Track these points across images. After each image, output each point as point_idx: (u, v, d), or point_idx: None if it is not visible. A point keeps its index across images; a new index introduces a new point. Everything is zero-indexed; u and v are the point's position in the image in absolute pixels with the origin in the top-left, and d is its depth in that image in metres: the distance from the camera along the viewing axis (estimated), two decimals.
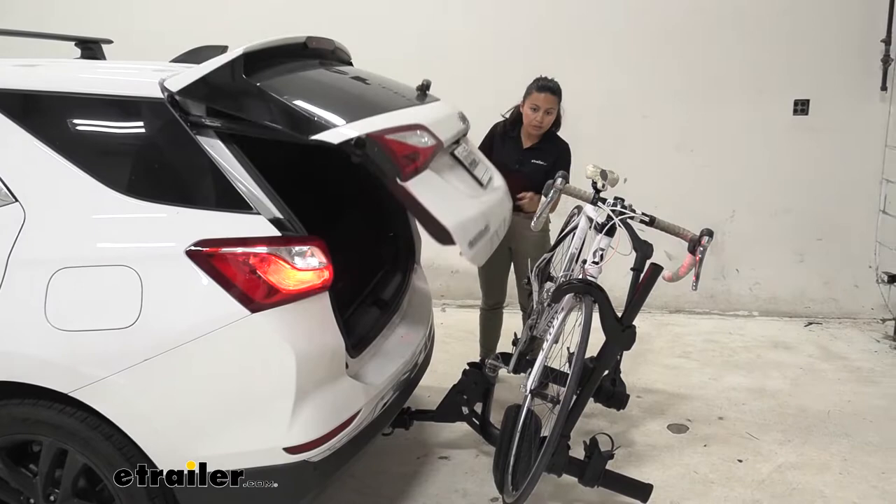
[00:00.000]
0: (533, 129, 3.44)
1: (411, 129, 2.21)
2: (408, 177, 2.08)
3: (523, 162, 3.48)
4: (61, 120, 2.14)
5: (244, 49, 2.06)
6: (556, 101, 3.42)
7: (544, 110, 3.38)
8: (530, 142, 3.51)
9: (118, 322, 1.96)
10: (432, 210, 2.09)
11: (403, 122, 2.22)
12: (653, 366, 4.16)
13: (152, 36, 4.69)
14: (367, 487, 2.96)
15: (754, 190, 4.97)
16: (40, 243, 2.02)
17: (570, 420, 2.64)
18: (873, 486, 2.94)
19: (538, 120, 3.40)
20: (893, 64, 4.68)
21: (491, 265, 3.63)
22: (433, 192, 2.15)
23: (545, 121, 3.42)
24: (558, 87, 3.43)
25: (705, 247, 2.71)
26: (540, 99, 3.38)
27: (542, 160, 3.46)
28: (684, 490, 2.92)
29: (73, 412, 2.03)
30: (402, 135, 2.15)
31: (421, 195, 2.08)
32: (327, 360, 2.16)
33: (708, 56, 4.85)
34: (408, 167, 2.09)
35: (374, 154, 2.03)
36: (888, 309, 4.85)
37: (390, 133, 2.10)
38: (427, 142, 2.23)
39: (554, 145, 3.53)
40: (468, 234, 2.22)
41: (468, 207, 2.37)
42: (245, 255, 1.98)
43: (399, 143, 2.11)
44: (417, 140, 2.21)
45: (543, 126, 3.44)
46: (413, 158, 2.13)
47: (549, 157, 3.46)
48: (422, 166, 2.16)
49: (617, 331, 2.65)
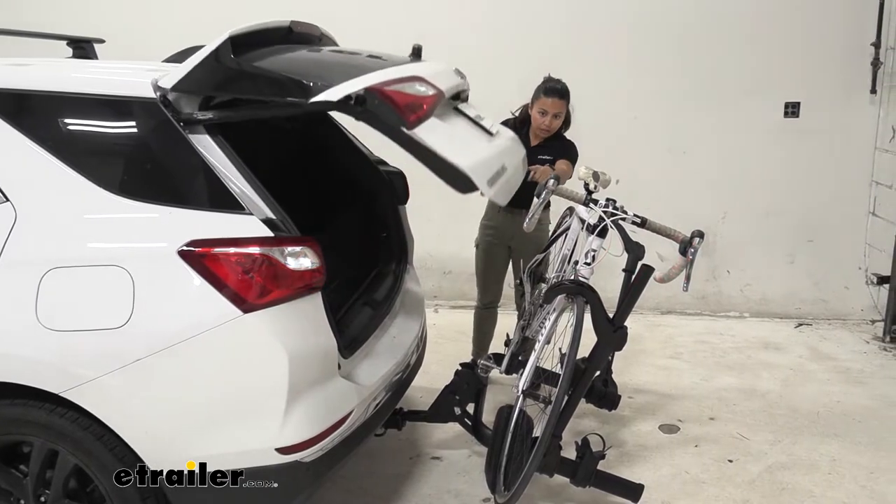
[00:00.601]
0: (542, 132, 3.47)
1: (410, 81, 2.15)
2: (413, 125, 2.01)
3: (530, 158, 3.45)
4: (53, 120, 2.13)
5: (229, 33, 2.05)
6: (565, 105, 3.44)
7: (552, 114, 3.41)
8: (538, 140, 3.53)
9: (110, 322, 1.95)
10: (444, 153, 2.00)
11: (401, 75, 2.16)
12: (644, 366, 4.18)
13: (145, 35, 4.68)
14: (359, 488, 2.96)
15: (745, 192, 4.99)
16: (31, 243, 2.01)
17: (562, 420, 2.64)
18: (862, 486, 2.96)
19: (546, 124, 3.42)
20: (883, 67, 4.71)
21: (490, 262, 3.68)
22: (442, 137, 2.09)
23: (553, 125, 3.44)
24: (566, 89, 3.45)
25: (696, 248, 2.72)
26: (548, 104, 3.40)
27: (549, 155, 3.47)
28: (675, 490, 2.94)
29: (64, 413, 2.02)
30: (402, 86, 2.09)
31: (430, 141, 2.00)
32: (320, 360, 2.15)
33: (700, 58, 4.88)
34: (412, 116, 2.02)
35: (375, 107, 1.97)
36: (877, 310, 4.88)
37: (389, 85, 2.04)
38: (428, 91, 2.17)
39: (561, 143, 3.55)
40: (486, 173, 2.12)
41: (481, 149, 2.30)
42: (237, 256, 1.98)
43: (399, 93, 2.05)
44: (417, 90, 2.15)
45: (552, 130, 3.46)
46: (416, 107, 2.07)
47: (556, 153, 3.48)
48: (426, 114, 2.09)
49: (608, 331, 2.66)
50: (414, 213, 3.37)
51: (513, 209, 3.50)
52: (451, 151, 2.03)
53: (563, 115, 3.46)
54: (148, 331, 1.96)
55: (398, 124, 1.99)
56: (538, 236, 3.54)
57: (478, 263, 3.74)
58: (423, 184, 3.44)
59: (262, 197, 2.08)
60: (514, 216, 3.49)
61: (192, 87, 2.07)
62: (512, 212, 3.52)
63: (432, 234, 3.60)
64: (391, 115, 1.99)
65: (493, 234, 3.65)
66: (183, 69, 2.06)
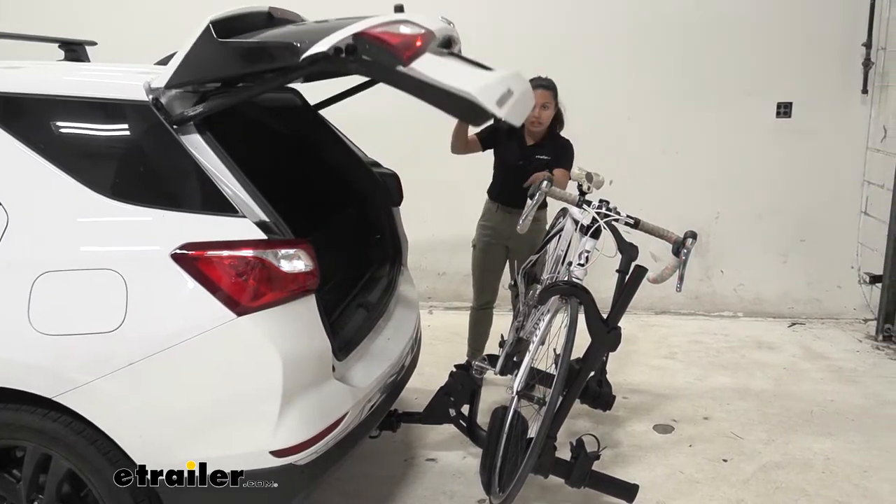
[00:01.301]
0: (532, 125, 3.47)
1: (396, 23, 2.09)
2: (409, 61, 1.95)
3: (526, 158, 3.51)
4: (45, 123, 2.12)
5: (209, 19, 2.04)
6: (551, 96, 3.46)
7: (540, 105, 3.42)
8: (533, 140, 3.55)
9: (103, 326, 1.95)
10: (446, 83, 1.93)
11: (386, 19, 2.10)
12: (638, 367, 4.19)
13: (137, 38, 4.67)
14: (354, 490, 2.96)
15: (738, 192, 5.01)
16: (23, 247, 2.01)
17: (557, 421, 2.65)
18: (855, 485, 2.97)
19: (535, 115, 3.43)
20: (874, 67, 4.73)
21: (487, 262, 3.70)
22: (441, 69, 2.02)
23: (542, 115, 3.45)
24: (552, 83, 3.49)
25: (689, 249, 2.73)
26: (535, 95, 3.39)
27: (546, 155, 3.50)
28: (670, 490, 2.94)
29: (57, 417, 2.01)
30: (389, 27, 2.03)
31: (430, 74, 1.94)
32: (314, 362, 2.15)
33: (692, 59, 4.89)
34: (406, 52, 1.96)
35: (367, 51, 1.92)
36: (870, 309, 4.90)
37: (377, 28, 1.98)
38: (417, 30, 2.11)
39: (556, 143, 3.57)
40: (493, 95, 2.02)
41: (483, 76, 2.19)
42: (231, 259, 1.97)
43: (389, 33, 1.99)
44: (406, 29, 2.09)
45: (542, 121, 3.47)
46: (408, 45, 2.00)
47: (552, 153, 3.50)
48: (420, 50, 2.02)
49: (602, 332, 2.67)
50: (408, 214, 3.37)
51: (510, 209, 3.53)
52: (454, 81, 1.94)
53: (551, 107, 3.47)
54: (141, 334, 1.95)
55: (393, 63, 1.92)
56: (535, 236, 3.54)
57: (475, 263, 3.74)
58: (416, 186, 3.46)
59: (255, 199, 2.08)
60: (512, 216, 3.50)
61: (185, 78, 2.06)
62: (510, 211, 3.54)
63: (426, 235, 3.60)
64: (385, 56, 1.92)
65: (492, 234, 3.65)
66: (172, 65, 2.06)
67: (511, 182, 3.45)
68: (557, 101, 3.52)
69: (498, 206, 3.63)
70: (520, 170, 3.45)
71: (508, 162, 3.57)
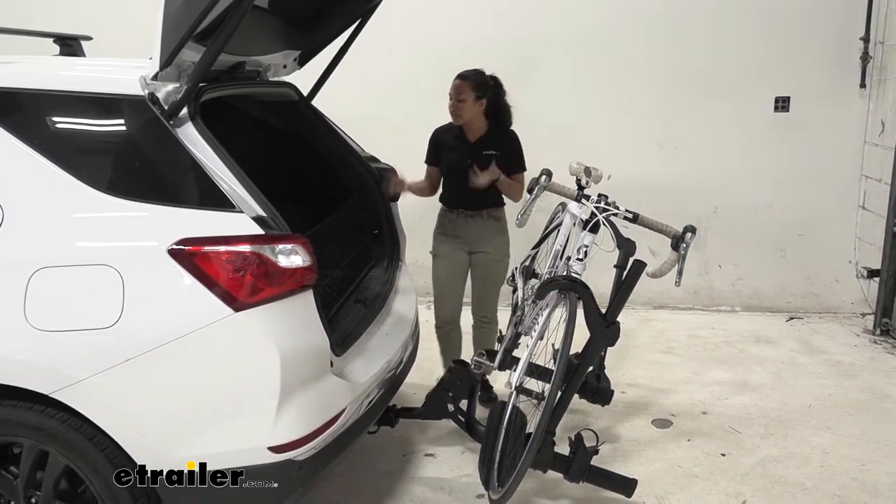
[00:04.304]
0: (452, 117, 3.35)
1: None
2: None
3: (475, 155, 3.34)
4: (40, 118, 2.11)
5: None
6: (468, 87, 3.29)
7: (456, 98, 3.30)
8: (476, 135, 3.40)
9: (100, 322, 1.94)
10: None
11: None
12: (637, 361, 4.19)
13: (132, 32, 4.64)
14: (352, 486, 2.96)
15: (736, 186, 5.01)
16: (19, 243, 2.00)
17: (555, 416, 2.65)
18: (853, 479, 2.97)
19: (451, 107, 3.33)
20: (872, 61, 4.73)
21: (451, 270, 3.46)
22: None
23: (457, 108, 3.31)
24: (472, 74, 3.33)
25: (688, 243, 2.73)
26: (452, 87, 3.32)
27: (494, 149, 3.34)
28: (669, 484, 2.94)
29: (54, 413, 2.01)
30: None
31: None
32: (312, 358, 2.15)
33: (690, 53, 4.88)
34: None
35: None
36: (868, 303, 4.91)
37: None
38: None
39: (502, 134, 3.42)
40: None
41: None
42: (228, 254, 1.97)
43: None
44: None
45: (459, 115, 3.32)
46: None
47: (500, 147, 3.35)
48: None
49: (601, 327, 2.67)
50: (405, 209, 3.37)
51: (471, 212, 3.41)
52: None
53: (467, 100, 3.28)
54: (138, 330, 1.95)
55: None
56: (500, 239, 3.45)
57: (437, 273, 3.50)
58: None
59: (252, 195, 2.07)
60: (474, 219, 3.41)
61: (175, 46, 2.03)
62: (471, 215, 3.41)
63: (425, 230, 3.59)
64: None
65: (454, 241, 3.46)
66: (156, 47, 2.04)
67: (465, 184, 3.29)
68: (485, 94, 3.32)
69: (458, 211, 3.43)
70: (469, 169, 3.28)
71: (455, 164, 3.38)
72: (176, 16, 2.00)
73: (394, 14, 3.55)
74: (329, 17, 3.12)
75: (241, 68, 2.72)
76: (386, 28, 3.70)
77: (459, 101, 3.30)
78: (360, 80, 3.02)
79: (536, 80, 4.88)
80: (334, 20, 3.14)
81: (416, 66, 3.10)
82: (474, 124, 3.38)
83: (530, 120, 4.97)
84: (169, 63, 2.08)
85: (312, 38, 3.16)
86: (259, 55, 2.85)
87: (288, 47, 3.05)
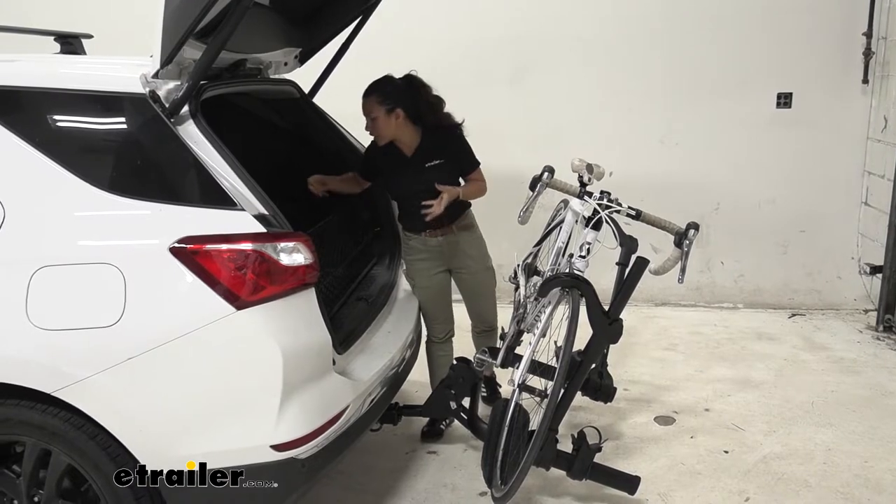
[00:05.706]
0: (374, 138, 3.06)
1: None
2: None
3: (417, 169, 3.04)
4: (41, 116, 2.11)
5: None
6: (374, 104, 2.94)
7: (370, 119, 2.99)
8: (411, 148, 3.06)
9: (101, 321, 1.94)
10: None
11: None
12: (639, 358, 4.19)
13: (133, 30, 4.63)
14: (355, 483, 2.96)
15: (738, 182, 5.00)
16: (21, 241, 1.99)
17: (558, 414, 2.64)
18: (856, 475, 2.97)
19: (369, 131, 3.03)
20: (874, 57, 4.71)
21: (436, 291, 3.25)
22: None
23: (373, 129, 3.01)
24: (375, 87, 2.98)
25: (691, 240, 2.72)
26: (362, 108, 3.00)
27: (437, 157, 3.04)
28: (671, 482, 2.94)
29: (56, 412, 2.01)
30: None
31: None
32: (314, 356, 2.15)
33: (692, 50, 4.87)
34: None
35: None
36: (870, 300, 4.90)
37: None
38: None
39: (440, 136, 3.06)
40: None
41: None
42: (230, 252, 1.96)
43: None
44: None
45: (378, 135, 3.01)
46: None
47: (443, 152, 3.05)
48: None
49: (604, 324, 2.66)
50: None
51: (436, 231, 3.13)
52: None
53: (378, 117, 2.95)
54: (140, 329, 1.94)
55: None
56: (477, 246, 3.27)
57: (425, 298, 3.24)
58: None
59: (253, 192, 2.06)
60: (442, 238, 3.15)
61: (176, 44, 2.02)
62: (439, 234, 3.14)
63: None
64: None
65: (429, 264, 3.19)
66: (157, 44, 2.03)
67: (413, 203, 3.03)
68: (397, 103, 2.95)
69: (425, 234, 3.13)
70: (420, 185, 3.02)
71: (402, 192, 3.13)
72: (176, 13, 2.00)
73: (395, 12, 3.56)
74: (330, 15, 3.12)
75: (242, 66, 2.72)
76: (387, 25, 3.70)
77: (372, 121, 2.99)
78: (361, 77, 3.00)
79: (538, 76, 4.87)
80: (335, 17, 3.14)
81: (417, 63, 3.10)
82: (403, 138, 3.04)
83: (532, 117, 5.00)
84: (170, 61, 2.07)
85: (313, 36, 3.16)
86: (260, 53, 2.84)
87: (289, 45, 3.04)
